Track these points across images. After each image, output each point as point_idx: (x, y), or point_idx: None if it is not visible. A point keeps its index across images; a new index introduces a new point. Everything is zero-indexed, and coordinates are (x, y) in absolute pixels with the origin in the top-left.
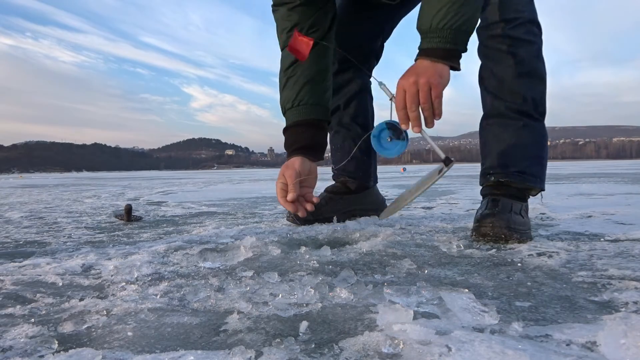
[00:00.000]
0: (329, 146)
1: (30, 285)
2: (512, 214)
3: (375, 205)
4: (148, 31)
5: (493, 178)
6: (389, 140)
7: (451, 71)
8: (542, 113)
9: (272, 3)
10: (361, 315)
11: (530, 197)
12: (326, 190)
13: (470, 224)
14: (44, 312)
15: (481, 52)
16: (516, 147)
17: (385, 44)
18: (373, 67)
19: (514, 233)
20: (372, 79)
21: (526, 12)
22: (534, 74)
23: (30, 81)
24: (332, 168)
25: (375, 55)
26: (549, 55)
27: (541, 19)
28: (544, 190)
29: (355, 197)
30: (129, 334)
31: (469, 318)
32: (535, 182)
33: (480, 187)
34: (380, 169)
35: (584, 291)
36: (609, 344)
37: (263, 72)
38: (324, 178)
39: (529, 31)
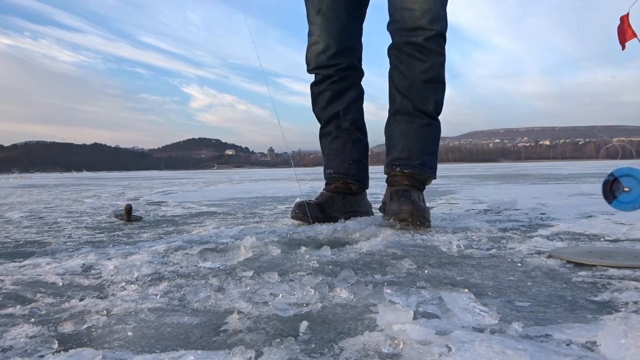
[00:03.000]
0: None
1: (30, 285)
2: (420, 202)
3: (367, 208)
4: (147, 31)
5: (398, 169)
6: (625, 190)
7: (449, 71)
8: (439, 114)
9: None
10: (361, 315)
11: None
12: (328, 189)
13: (471, 224)
14: (44, 312)
15: (394, 54)
16: (419, 142)
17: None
18: (360, 56)
19: (426, 221)
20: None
21: (439, 26)
22: (438, 80)
23: (30, 81)
24: (330, 173)
25: (359, 41)
26: (549, 55)
27: (541, 18)
28: (435, 179)
29: (355, 198)
30: (129, 334)
31: (469, 318)
32: (432, 173)
33: (386, 176)
34: (381, 169)
35: (584, 291)
36: (609, 344)
37: (263, 72)
38: (321, 178)
39: (439, 44)
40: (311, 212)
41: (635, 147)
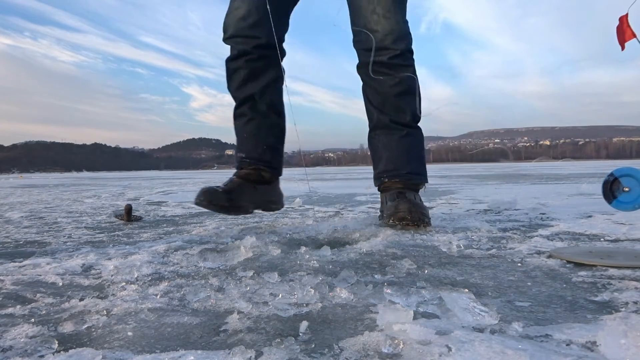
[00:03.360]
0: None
1: (30, 285)
2: (418, 201)
3: (278, 198)
4: (147, 31)
5: (387, 180)
6: (625, 190)
7: (449, 71)
8: (418, 121)
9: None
10: (361, 315)
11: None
12: (238, 175)
13: (471, 224)
14: (44, 312)
15: (363, 72)
16: (402, 153)
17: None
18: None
19: (425, 217)
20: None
21: (404, 44)
22: (410, 91)
23: (30, 81)
24: (241, 157)
25: (285, 29)
26: (549, 55)
27: (541, 18)
28: (427, 182)
29: (267, 187)
30: (129, 334)
31: (469, 318)
32: (420, 179)
33: (377, 187)
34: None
35: (584, 291)
36: (609, 344)
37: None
38: (321, 178)
39: (406, 58)
40: (217, 199)
41: (635, 147)
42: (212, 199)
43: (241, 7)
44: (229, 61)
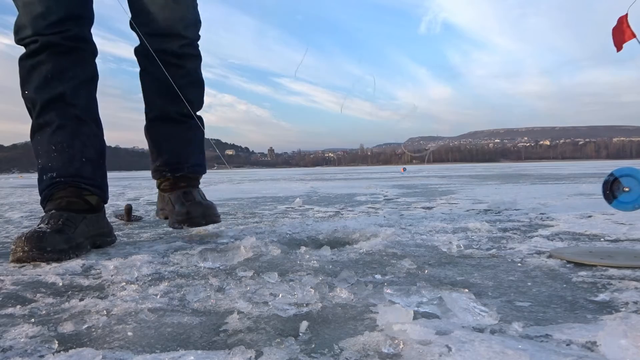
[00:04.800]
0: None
1: (30, 285)
2: (205, 201)
3: (109, 228)
4: None
5: (169, 174)
6: (625, 190)
7: (449, 71)
8: (199, 110)
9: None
10: (361, 315)
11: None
12: (58, 207)
13: (471, 224)
14: (44, 312)
15: (148, 59)
16: (186, 145)
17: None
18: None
19: (217, 218)
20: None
21: (194, 33)
22: (197, 83)
23: None
24: (51, 177)
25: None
26: (549, 55)
27: (541, 18)
28: (205, 173)
29: (96, 217)
30: (129, 334)
31: (469, 318)
32: (202, 171)
33: (157, 181)
34: (381, 169)
35: (584, 291)
36: (609, 344)
37: (262, 72)
38: (323, 178)
39: (195, 47)
40: (52, 243)
41: (635, 147)
42: (44, 245)
43: (35, 3)
44: (24, 59)
